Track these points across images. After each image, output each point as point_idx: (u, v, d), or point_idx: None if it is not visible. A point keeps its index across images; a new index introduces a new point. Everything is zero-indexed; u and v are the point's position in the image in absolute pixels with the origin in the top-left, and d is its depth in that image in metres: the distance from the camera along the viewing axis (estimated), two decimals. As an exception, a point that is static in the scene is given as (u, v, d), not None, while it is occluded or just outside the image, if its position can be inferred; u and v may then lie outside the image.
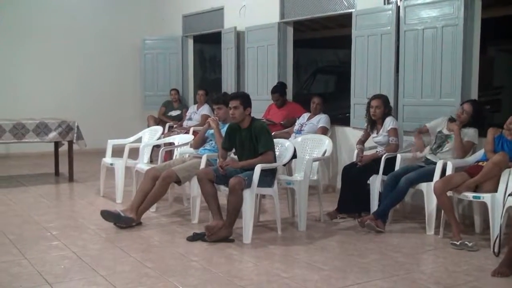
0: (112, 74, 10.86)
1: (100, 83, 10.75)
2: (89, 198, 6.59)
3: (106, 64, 10.79)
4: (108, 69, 10.81)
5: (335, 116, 7.31)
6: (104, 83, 10.79)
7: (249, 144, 4.95)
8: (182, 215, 5.74)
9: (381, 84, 6.31)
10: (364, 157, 5.58)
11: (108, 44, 10.78)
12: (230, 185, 4.63)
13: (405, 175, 5.11)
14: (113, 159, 6.56)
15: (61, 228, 5.17)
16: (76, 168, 7.81)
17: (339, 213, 5.58)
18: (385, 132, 5.60)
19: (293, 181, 5.32)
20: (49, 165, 8.46)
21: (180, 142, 6.39)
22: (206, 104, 8.74)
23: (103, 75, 10.76)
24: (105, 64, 10.78)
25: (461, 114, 5.14)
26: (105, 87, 10.81)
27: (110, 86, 10.86)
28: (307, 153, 5.73)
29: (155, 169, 5.41)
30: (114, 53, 10.85)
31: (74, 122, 7.57)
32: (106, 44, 10.77)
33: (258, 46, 8.21)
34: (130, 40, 10.86)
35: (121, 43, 10.88)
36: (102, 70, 10.75)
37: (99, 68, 10.73)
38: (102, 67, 10.75)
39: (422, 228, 5.16)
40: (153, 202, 5.37)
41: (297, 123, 6.93)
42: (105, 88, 10.80)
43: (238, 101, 4.91)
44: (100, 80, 10.75)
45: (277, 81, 7.75)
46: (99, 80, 10.74)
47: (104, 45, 10.75)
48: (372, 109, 5.64)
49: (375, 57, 6.39)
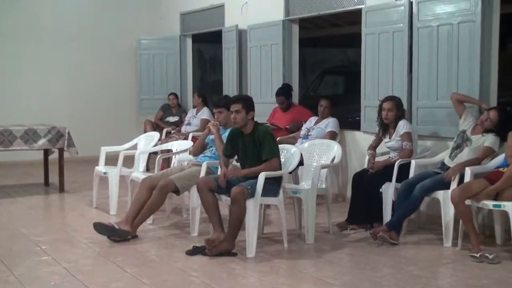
0: (106, 76, 10.89)
1: (93, 86, 10.78)
2: (81, 209, 6.60)
3: (99, 66, 10.81)
4: (101, 71, 10.83)
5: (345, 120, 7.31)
6: (97, 86, 10.81)
7: (252, 151, 4.95)
8: (181, 227, 5.74)
9: (394, 85, 6.32)
10: (376, 164, 5.57)
11: (101, 45, 10.81)
12: (232, 194, 4.63)
13: (420, 183, 5.10)
14: (107, 168, 6.57)
15: (51, 242, 5.17)
16: (67, 177, 7.82)
17: (349, 224, 5.58)
18: (398, 136, 5.60)
19: (299, 190, 5.32)
20: (38, 175, 8.48)
21: (178, 148, 6.40)
22: (206, 108, 8.75)
23: (95, 78, 10.79)
24: (97, 66, 10.80)
25: (485, 120, 5.13)
26: (98, 91, 10.83)
27: (103, 89, 10.88)
28: (314, 159, 5.73)
29: (151, 178, 5.41)
30: (107, 54, 10.88)
31: (64, 128, 7.59)
32: (99, 45, 10.80)
33: (261, 46, 8.22)
34: (125, 40, 10.89)
35: (115, 44, 10.91)
36: (94, 72, 10.77)
37: (91, 70, 10.76)
38: (94, 69, 10.78)
39: (439, 240, 5.15)
40: (150, 213, 5.37)
41: (304, 128, 6.93)
42: (98, 91, 10.82)
43: (240, 105, 4.92)
44: (92, 83, 10.77)
45: (282, 83, 7.76)
46: (92, 83, 10.77)
47: (97, 46, 10.78)
48: (384, 112, 5.64)
49: (386, 56, 6.39)
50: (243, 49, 8.68)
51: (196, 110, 8.91)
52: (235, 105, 4.94)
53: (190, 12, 10.03)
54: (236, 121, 4.94)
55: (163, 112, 9.74)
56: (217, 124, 5.55)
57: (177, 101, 9.78)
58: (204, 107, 8.80)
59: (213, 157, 5.59)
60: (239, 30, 8.68)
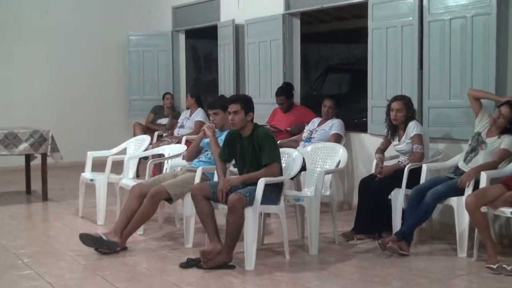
0: (92, 76, 10.89)
1: (78, 87, 10.78)
2: (66, 219, 6.60)
3: (84, 65, 10.82)
4: (87, 70, 10.84)
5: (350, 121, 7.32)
6: (82, 87, 10.81)
7: (251, 155, 4.95)
8: (174, 238, 5.74)
9: (403, 84, 6.32)
10: (384, 169, 5.58)
11: (86, 42, 10.82)
12: (229, 202, 4.63)
13: (432, 189, 5.10)
14: (94, 174, 6.57)
15: (34, 255, 5.17)
16: (51, 185, 7.82)
17: (356, 234, 5.58)
18: (408, 139, 5.61)
19: (302, 197, 5.32)
20: (19, 182, 8.47)
21: (171, 153, 6.40)
22: (200, 109, 8.76)
23: (81, 77, 10.79)
24: (83, 64, 10.81)
25: (497, 118, 5.12)
26: (84, 91, 10.83)
27: (89, 90, 10.88)
28: (318, 164, 5.74)
29: (142, 185, 5.41)
30: (93, 52, 10.88)
31: (48, 131, 7.59)
32: (84, 42, 10.80)
33: (260, 42, 8.23)
34: (112, 36, 10.89)
35: (101, 40, 10.92)
36: (80, 71, 10.78)
37: (76, 69, 10.76)
38: (80, 68, 10.78)
39: (452, 250, 5.15)
40: (140, 223, 5.37)
41: (306, 130, 6.94)
42: (83, 92, 10.82)
43: (238, 105, 4.92)
44: (78, 83, 10.78)
45: (282, 82, 7.77)
46: (77, 83, 10.77)
47: (82, 43, 10.79)
48: (393, 113, 5.65)
49: (395, 52, 6.40)
50: (240, 46, 8.69)
51: (189, 112, 8.92)
52: (233, 106, 4.94)
53: (183, 5, 10.05)
54: (234, 122, 4.93)
55: (154, 114, 9.74)
56: (213, 126, 5.55)
57: (173, 101, 9.78)
58: (198, 108, 8.80)
59: (209, 162, 5.59)
60: (235, 25, 8.69)
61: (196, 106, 8.84)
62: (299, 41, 8.02)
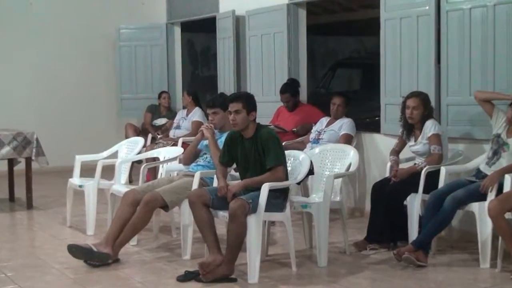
0: (79, 73, 10.90)
1: (65, 85, 10.78)
2: (52, 229, 6.61)
3: (71, 61, 10.82)
4: (74, 67, 10.84)
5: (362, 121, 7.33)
6: (69, 85, 10.82)
7: (254, 158, 4.96)
8: (171, 249, 5.75)
9: (419, 79, 6.33)
10: (399, 172, 5.58)
11: (73, 36, 10.82)
12: (231, 210, 4.64)
13: (451, 193, 5.10)
14: (83, 180, 6.58)
15: (18, 268, 5.18)
16: (36, 191, 7.83)
17: (369, 243, 5.58)
18: (425, 139, 5.61)
19: (310, 204, 5.33)
20: (1, 189, 8.49)
21: (166, 156, 6.41)
22: (198, 108, 8.77)
23: (67, 75, 10.80)
24: (69, 61, 10.81)
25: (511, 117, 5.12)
26: (71, 90, 10.83)
27: (76, 89, 10.89)
28: (327, 167, 5.74)
29: (135, 192, 5.42)
30: (81, 47, 10.88)
31: (32, 133, 7.61)
32: (71, 36, 10.80)
33: (262, 34, 8.24)
34: (101, 29, 10.90)
35: (89, 34, 10.91)
36: (66, 68, 10.78)
37: (62, 66, 10.76)
38: (66, 65, 10.79)
39: (474, 260, 5.15)
40: (134, 233, 5.38)
41: (314, 130, 6.95)
42: (70, 91, 10.83)
43: (240, 104, 4.93)
44: (64, 82, 10.78)
45: (287, 78, 7.78)
46: (63, 82, 10.78)
47: (68, 37, 10.78)
48: (409, 111, 5.65)
49: (410, 45, 6.40)
50: (241, 39, 8.70)
51: (186, 111, 8.93)
52: (234, 104, 4.95)
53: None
54: (236, 122, 4.94)
55: (151, 113, 9.68)
56: (212, 127, 5.56)
57: (170, 101, 9.78)
58: (195, 107, 8.82)
59: (208, 166, 5.60)
60: (236, 16, 8.70)
61: (194, 105, 8.85)
62: (305, 33, 8.02)
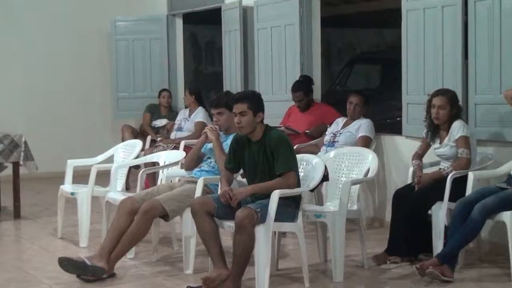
0: (72, 70, 10.91)
1: (56, 84, 10.79)
2: (42, 241, 6.62)
3: (62, 57, 10.84)
4: (66, 64, 10.86)
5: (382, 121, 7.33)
6: (60, 83, 10.83)
7: (262, 163, 4.97)
8: (171, 263, 5.76)
9: (444, 76, 6.32)
10: (423, 178, 5.57)
11: (65, 30, 10.82)
12: (237, 219, 4.65)
13: (480, 202, 5.10)
14: (75, 187, 6.60)
15: (4, 284, 5.18)
16: (24, 199, 7.85)
17: (389, 256, 5.57)
18: (452, 141, 5.60)
19: (324, 213, 5.33)
20: (-13, 197, 8.52)
21: (167, 161, 6.42)
22: (201, 108, 8.78)
23: (58, 72, 10.81)
24: (61, 56, 10.83)
25: None
26: (62, 88, 10.84)
27: (68, 87, 10.90)
28: (343, 173, 5.75)
29: (132, 200, 5.43)
30: (73, 42, 10.89)
31: (20, 136, 7.63)
32: (62, 30, 10.80)
33: (272, 27, 8.24)
34: (96, 22, 10.91)
35: (82, 28, 10.90)
36: (56, 65, 10.79)
37: (53, 63, 10.77)
38: (57, 61, 10.80)
39: (505, 275, 5.14)
40: (131, 245, 5.39)
41: (329, 132, 6.95)
42: (61, 89, 10.84)
43: (245, 104, 4.94)
44: (55, 80, 10.79)
45: (300, 75, 7.78)
46: (54, 80, 10.79)
47: (60, 32, 10.79)
48: (434, 110, 5.64)
49: (434, 38, 6.39)
50: (248, 32, 8.71)
51: (188, 112, 8.93)
52: (239, 106, 4.96)
53: (180, -15, 10.09)
54: (241, 125, 4.95)
55: (151, 114, 9.66)
56: (217, 129, 5.57)
57: (170, 100, 9.76)
58: (198, 107, 8.82)
59: (212, 172, 5.61)
60: (243, 7, 8.70)
61: (197, 104, 8.86)
62: (319, 26, 8.01)
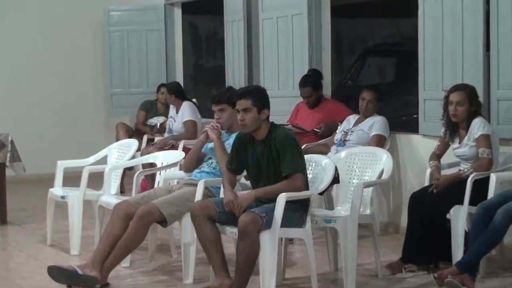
0: (62, 64, 10.92)
1: (44, 79, 10.81)
2: (30, 248, 6.64)
3: (52, 51, 10.85)
4: (56, 58, 10.87)
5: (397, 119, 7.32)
6: (49, 79, 10.85)
7: (267, 164, 4.97)
8: (170, 272, 5.77)
9: (464, 69, 6.31)
10: (441, 180, 5.57)
11: (54, 21, 10.83)
12: (241, 225, 4.65)
13: (503, 205, 5.09)
14: (66, 190, 6.61)
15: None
16: (11, 203, 7.86)
17: (405, 264, 5.57)
18: (472, 141, 5.60)
19: (335, 218, 5.32)
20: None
21: (164, 162, 6.43)
22: (187, 103, 8.65)
23: (47, 67, 10.83)
24: (50, 50, 10.85)
25: None
26: (52, 84, 10.86)
27: (58, 83, 10.92)
28: (355, 175, 5.74)
29: (128, 204, 5.44)
30: (63, 34, 10.91)
31: (7, 135, 7.65)
32: (52, 21, 10.82)
33: (278, 17, 8.24)
34: (87, 12, 10.93)
35: (73, 18, 10.92)
36: (46, 59, 10.81)
37: (42, 56, 10.80)
38: (46, 55, 10.83)
39: (531, 285, 5.15)
40: (126, 252, 5.39)
41: (339, 131, 6.95)
42: (51, 85, 10.86)
43: (249, 101, 4.94)
44: (43, 74, 10.81)
45: (308, 69, 7.78)
46: (43, 74, 10.80)
47: (49, 23, 10.81)
48: (452, 107, 5.64)
49: (453, 29, 6.39)
50: (253, 23, 8.70)
51: (175, 110, 8.85)
52: (242, 102, 4.96)
53: (179, -28, 10.10)
54: (245, 123, 4.95)
55: (146, 112, 9.65)
56: (218, 127, 5.57)
57: None
58: (183, 102, 8.73)
59: (213, 173, 5.61)
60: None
61: (180, 101, 8.74)
62: (329, 15, 8.00)
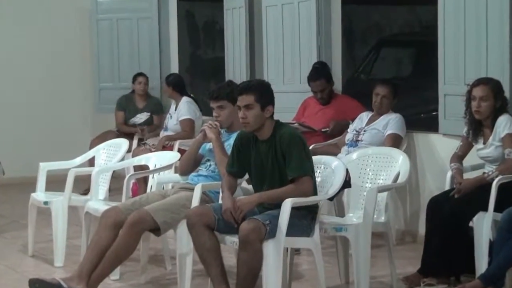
0: (45, 56, 10.93)
1: (26, 73, 10.81)
2: (10, 259, 6.65)
3: (34, 42, 10.86)
4: (38, 49, 10.88)
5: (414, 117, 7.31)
6: (32, 72, 10.86)
7: (271, 166, 4.97)
8: (163, 285, 5.79)
9: (488, 62, 6.30)
10: (464, 183, 5.57)
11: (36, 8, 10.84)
12: (242, 233, 4.66)
13: (532, 212, 5.11)
14: (49, 195, 6.63)
15: (-35, 310, 5.23)
16: (-11, 210, 7.90)
17: (423, 277, 5.58)
18: (498, 140, 5.60)
19: (346, 226, 5.33)
20: None
21: (158, 164, 6.43)
22: (185, 99, 8.66)
23: (30, 60, 10.83)
24: (32, 40, 10.85)
25: None
26: (34, 79, 10.86)
27: (41, 77, 10.92)
28: (368, 178, 5.75)
29: (117, 210, 5.44)
30: (46, 23, 10.91)
31: (-16, 135, 7.68)
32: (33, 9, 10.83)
33: (283, 4, 8.25)
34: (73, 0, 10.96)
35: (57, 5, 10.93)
36: (28, 51, 10.81)
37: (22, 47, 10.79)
38: (27, 46, 10.82)
39: (563, 300, 5.15)
40: (116, 264, 5.40)
41: (351, 130, 6.95)
42: (34, 80, 10.87)
43: (252, 96, 4.94)
44: (25, 68, 10.82)
45: (316, 61, 7.77)
46: (24, 68, 10.81)
47: (30, 10, 10.81)
48: (475, 103, 5.64)
49: (476, 17, 6.39)
50: (255, 11, 8.72)
51: (175, 106, 8.85)
52: (244, 97, 4.96)
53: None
54: (247, 121, 4.95)
55: (124, 111, 9.62)
56: (217, 125, 5.57)
57: (147, 86, 9.64)
58: (182, 98, 8.74)
59: (211, 177, 5.62)
60: (249, -20, 8.75)
61: (179, 95, 8.76)
62: (339, 2, 8.02)
